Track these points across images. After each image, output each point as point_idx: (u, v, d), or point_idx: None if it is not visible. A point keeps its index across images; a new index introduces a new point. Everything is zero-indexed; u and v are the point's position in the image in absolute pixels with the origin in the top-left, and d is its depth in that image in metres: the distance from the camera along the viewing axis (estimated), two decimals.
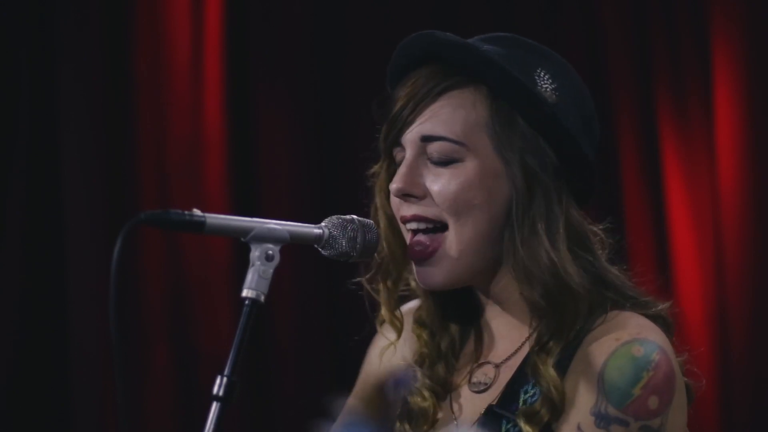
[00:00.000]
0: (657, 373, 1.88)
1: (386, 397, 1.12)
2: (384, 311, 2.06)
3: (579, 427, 1.88)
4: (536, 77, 1.97)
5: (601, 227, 2.02)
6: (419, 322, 2.07)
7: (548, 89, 1.97)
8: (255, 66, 4.37)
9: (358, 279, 2.06)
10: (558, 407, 1.90)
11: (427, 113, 1.96)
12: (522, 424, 1.90)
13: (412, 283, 2.06)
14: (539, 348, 1.94)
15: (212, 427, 1.70)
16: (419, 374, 2.03)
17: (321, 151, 4.35)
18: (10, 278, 4.09)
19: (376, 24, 4.34)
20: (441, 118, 1.95)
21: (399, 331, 2.07)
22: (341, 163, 4.18)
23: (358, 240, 1.89)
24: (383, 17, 4.35)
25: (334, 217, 1.89)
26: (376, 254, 2.01)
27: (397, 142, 1.99)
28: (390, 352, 2.09)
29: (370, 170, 2.06)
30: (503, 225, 1.95)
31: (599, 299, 1.96)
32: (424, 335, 2.06)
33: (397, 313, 2.06)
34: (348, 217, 1.90)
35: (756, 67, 4.23)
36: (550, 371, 1.91)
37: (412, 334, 2.08)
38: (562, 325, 1.93)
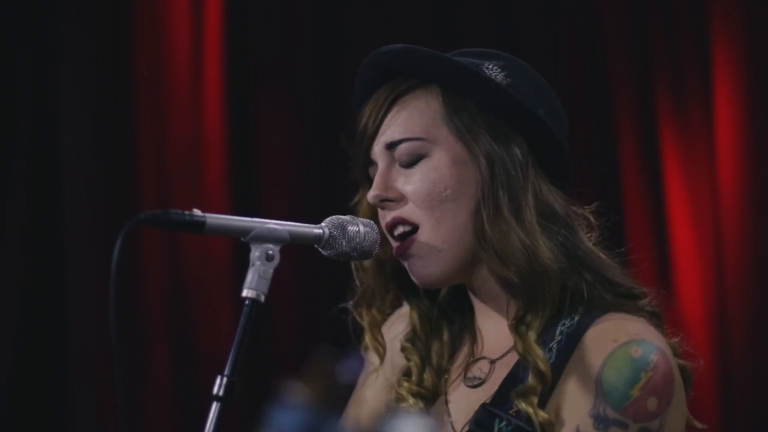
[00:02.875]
0: (656, 374, 1.88)
1: (334, 383, 1.12)
2: (368, 337, 2.12)
3: (578, 430, 1.88)
4: (484, 69, 2.02)
5: (587, 208, 2.03)
6: (407, 338, 2.11)
7: (497, 76, 2.02)
8: (255, 66, 4.37)
9: (344, 305, 2.10)
10: (547, 378, 1.91)
11: (386, 123, 2.02)
12: (520, 405, 1.91)
13: (404, 304, 2.09)
14: (517, 322, 1.96)
15: (212, 427, 1.70)
16: (405, 383, 2.06)
17: (321, 151, 4.34)
18: (10, 278, 4.09)
19: (376, 24, 4.34)
20: (398, 122, 2.01)
21: (381, 357, 2.11)
22: (341, 163, 4.16)
23: (358, 240, 1.89)
24: (383, 17, 4.35)
25: (334, 217, 1.90)
26: (359, 282, 2.07)
27: (369, 161, 2.05)
28: (374, 375, 2.13)
29: (353, 201, 2.09)
30: (476, 211, 1.98)
31: (575, 277, 1.97)
32: (414, 357, 2.09)
33: (380, 338, 2.10)
34: (348, 217, 1.91)
35: (756, 67, 4.23)
36: (534, 347, 1.92)
37: (398, 337, 2.12)
38: (536, 298, 1.95)
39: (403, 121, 2.01)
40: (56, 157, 4.14)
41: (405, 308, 2.14)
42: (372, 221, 1.94)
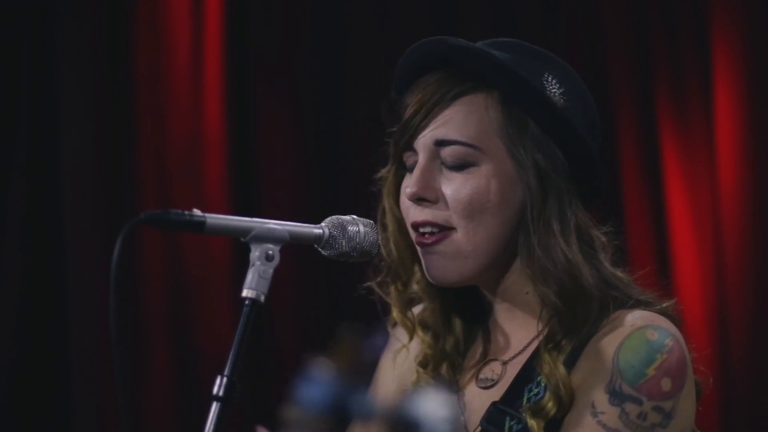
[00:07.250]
0: (670, 357, 1.92)
1: (360, 358, 1.13)
2: (395, 313, 2.09)
3: (593, 405, 1.90)
4: (544, 81, 2.00)
5: (604, 230, 2.04)
6: (423, 325, 2.09)
7: (557, 93, 2.00)
8: (255, 66, 4.37)
9: (368, 283, 2.07)
10: (565, 403, 1.91)
11: (440, 118, 1.98)
12: (528, 419, 1.92)
13: (415, 287, 2.08)
14: (552, 346, 1.95)
15: (212, 427, 1.70)
16: (423, 374, 2.05)
17: (321, 151, 4.34)
18: (10, 278, 4.09)
19: (375, 24, 4.34)
20: (454, 122, 1.97)
21: (411, 332, 2.09)
22: (341, 164, 4.18)
23: (358, 240, 1.89)
24: (383, 17, 4.35)
25: (334, 217, 1.90)
26: (386, 257, 2.04)
27: (409, 147, 2.01)
28: (403, 354, 2.11)
29: (377, 174, 2.07)
30: (516, 227, 1.97)
31: (605, 299, 1.98)
32: (428, 338, 2.08)
33: (409, 314, 2.09)
34: (348, 217, 1.91)
35: (756, 67, 4.23)
36: (560, 368, 1.93)
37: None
38: (575, 323, 1.95)
39: (460, 123, 1.97)
40: (56, 157, 4.14)
41: (420, 306, 2.14)
42: (372, 221, 1.94)
